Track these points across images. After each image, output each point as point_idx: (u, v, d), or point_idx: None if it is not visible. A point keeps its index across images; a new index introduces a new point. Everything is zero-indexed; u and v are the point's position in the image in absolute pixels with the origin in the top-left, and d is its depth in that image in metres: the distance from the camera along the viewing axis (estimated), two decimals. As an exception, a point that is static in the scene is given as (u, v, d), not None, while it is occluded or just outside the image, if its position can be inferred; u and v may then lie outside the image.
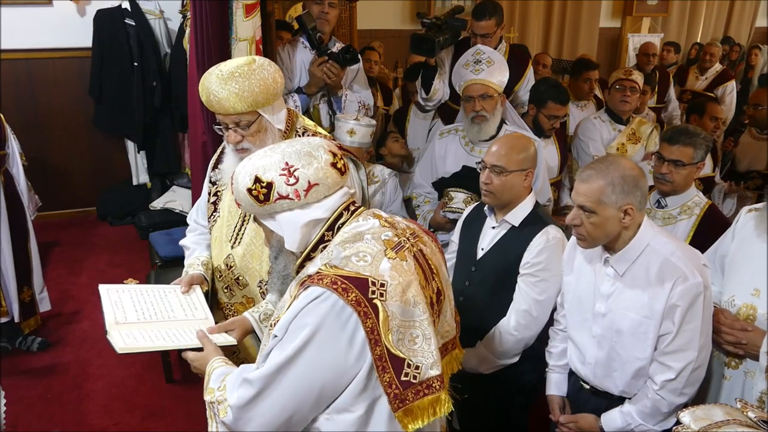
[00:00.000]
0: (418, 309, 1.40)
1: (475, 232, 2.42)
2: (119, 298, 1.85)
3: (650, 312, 1.86)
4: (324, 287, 1.33)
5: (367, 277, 1.35)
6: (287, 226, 1.46)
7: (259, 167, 1.44)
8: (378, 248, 1.41)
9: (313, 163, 1.44)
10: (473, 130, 2.99)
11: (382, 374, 1.35)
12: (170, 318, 1.84)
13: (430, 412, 1.39)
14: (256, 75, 1.88)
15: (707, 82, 6.59)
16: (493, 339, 2.30)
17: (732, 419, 1.10)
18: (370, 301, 1.33)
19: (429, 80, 3.53)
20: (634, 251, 1.88)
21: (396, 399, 1.36)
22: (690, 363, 1.84)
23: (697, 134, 2.50)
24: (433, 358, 1.39)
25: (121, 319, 1.76)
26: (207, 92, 1.90)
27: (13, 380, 3.43)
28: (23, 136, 4.39)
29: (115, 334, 1.68)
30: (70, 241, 5.36)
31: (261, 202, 1.44)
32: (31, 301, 3.70)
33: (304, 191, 1.43)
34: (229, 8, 2.78)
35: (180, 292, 1.97)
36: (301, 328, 1.34)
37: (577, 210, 1.88)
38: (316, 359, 1.34)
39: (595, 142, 3.71)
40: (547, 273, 2.23)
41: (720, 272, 2.12)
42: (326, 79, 3.12)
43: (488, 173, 2.28)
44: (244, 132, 1.93)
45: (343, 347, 1.34)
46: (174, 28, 5.67)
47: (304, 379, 1.35)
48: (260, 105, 1.91)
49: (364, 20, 5.17)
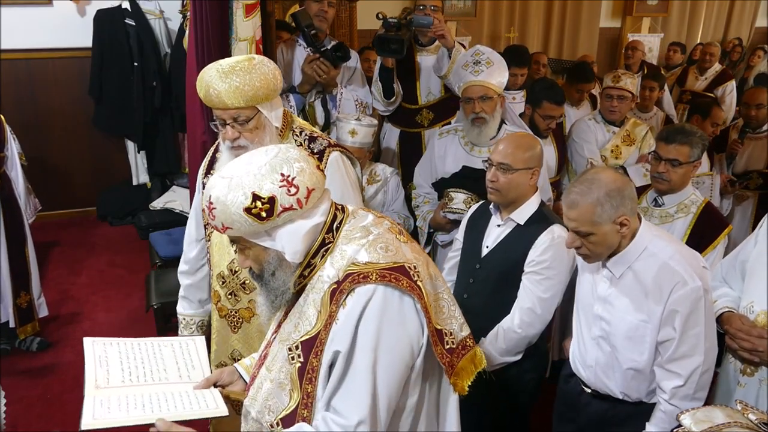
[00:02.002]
0: (439, 281, 1.51)
1: (479, 230, 2.42)
2: (105, 354, 1.64)
3: (648, 316, 1.85)
4: (374, 283, 1.36)
5: (403, 263, 1.40)
6: (289, 238, 1.40)
7: (251, 184, 1.35)
8: (391, 236, 1.46)
9: (305, 169, 1.39)
10: (473, 133, 2.98)
11: (435, 347, 1.45)
12: (161, 380, 1.62)
13: (471, 369, 1.54)
14: (257, 70, 1.85)
15: (707, 83, 6.58)
16: (496, 336, 2.30)
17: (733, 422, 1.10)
18: (416, 284, 1.40)
19: (389, 83, 3.51)
20: (632, 255, 1.88)
21: (449, 366, 1.49)
22: (698, 368, 1.82)
23: (694, 133, 2.51)
24: (459, 321, 1.53)
25: (103, 382, 1.55)
26: (206, 86, 1.85)
27: (13, 380, 3.42)
28: (23, 136, 4.40)
29: (89, 403, 1.46)
30: (70, 241, 5.36)
31: (263, 219, 1.35)
32: (29, 306, 3.68)
33: (305, 199, 1.38)
34: (229, 8, 2.77)
35: (176, 348, 1.75)
36: (370, 331, 1.35)
37: (573, 234, 1.87)
38: (394, 354, 1.38)
39: (589, 144, 3.69)
40: (552, 271, 2.23)
41: (740, 277, 2.09)
42: (316, 77, 3.11)
43: (495, 171, 2.28)
44: (242, 128, 1.89)
45: (412, 332, 1.41)
46: (174, 28, 5.67)
47: (393, 376, 1.38)
48: (260, 100, 1.88)
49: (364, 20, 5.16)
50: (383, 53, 3.36)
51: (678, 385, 1.83)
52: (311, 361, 1.40)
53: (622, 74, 3.73)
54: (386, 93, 3.56)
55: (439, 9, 3.51)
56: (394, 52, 3.28)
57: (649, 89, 4.62)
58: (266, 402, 1.49)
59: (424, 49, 3.63)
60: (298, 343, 1.42)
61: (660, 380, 1.88)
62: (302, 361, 1.41)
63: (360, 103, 3.44)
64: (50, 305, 3.93)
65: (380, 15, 3.32)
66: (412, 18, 3.36)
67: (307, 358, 1.40)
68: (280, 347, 1.50)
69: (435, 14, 3.42)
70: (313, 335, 1.40)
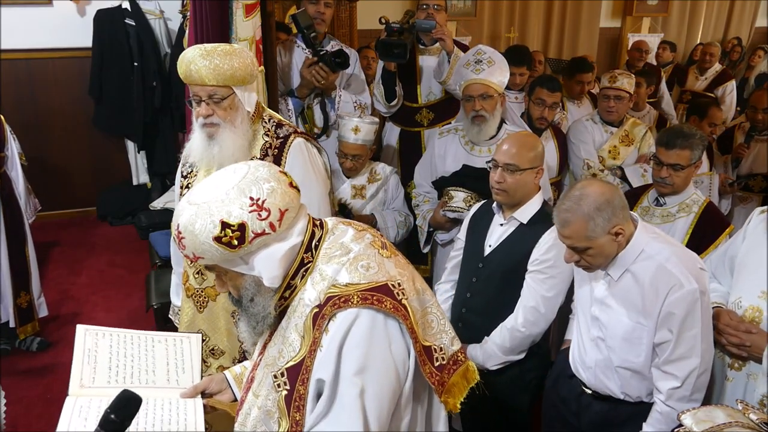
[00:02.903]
0: (426, 295, 1.44)
1: (482, 230, 2.43)
2: (96, 347, 1.60)
3: (644, 318, 1.85)
4: (356, 307, 1.29)
5: (385, 281, 1.34)
6: (265, 263, 1.33)
7: (220, 211, 1.27)
8: (372, 252, 1.39)
9: (276, 189, 1.31)
10: (473, 131, 2.99)
11: (424, 367, 1.39)
12: (147, 383, 1.56)
13: (463, 384, 1.47)
14: (237, 55, 1.98)
15: (707, 83, 6.58)
16: (500, 335, 2.31)
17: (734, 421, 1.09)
18: (401, 303, 1.33)
19: (391, 86, 3.52)
20: (629, 257, 1.88)
21: (438, 385, 1.42)
22: (694, 369, 1.83)
23: (693, 135, 2.52)
24: (449, 335, 1.46)
25: (88, 381, 1.51)
26: (187, 63, 1.96)
27: (13, 380, 3.42)
28: (23, 136, 4.40)
29: (68, 408, 1.44)
30: (70, 241, 5.36)
31: (235, 247, 1.28)
32: (29, 306, 3.68)
33: (278, 222, 1.31)
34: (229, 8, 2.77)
35: (170, 345, 1.72)
36: (354, 358, 1.29)
37: (570, 250, 1.88)
38: (381, 380, 1.31)
39: (586, 145, 3.68)
40: (556, 270, 2.24)
41: (729, 273, 2.11)
42: (315, 82, 3.11)
43: (501, 172, 2.28)
44: (216, 106, 2.00)
45: (397, 356, 1.34)
46: (174, 28, 5.66)
47: (381, 402, 1.31)
48: (236, 82, 1.99)
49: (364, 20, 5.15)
50: (386, 58, 3.36)
51: (674, 386, 1.84)
52: (298, 389, 1.34)
53: (618, 74, 3.73)
54: (388, 96, 3.57)
55: (442, 8, 3.50)
56: (398, 57, 3.28)
57: (636, 85, 4.62)
58: (255, 428, 1.44)
59: (426, 49, 3.63)
60: (284, 370, 1.36)
61: (657, 381, 1.89)
62: (288, 389, 1.35)
63: (359, 105, 3.44)
64: (50, 305, 3.93)
65: (383, 19, 3.32)
66: (414, 22, 3.36)
67: (294, 385, 1.34)
68: (266, 372, 1.44)
69: (438, 14, 3.42)
70: (298, 362, 1.34)
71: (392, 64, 3.44)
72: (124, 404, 1.33)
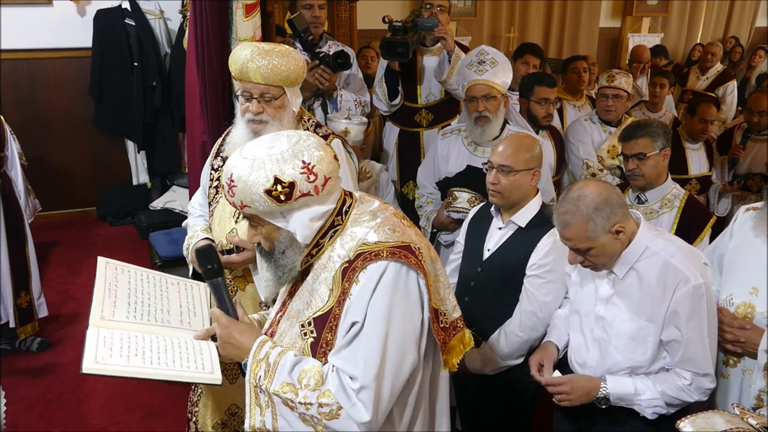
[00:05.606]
0: (438, 264, 1.60)
1: (481, 233, 2.42)
2: (116, 282, 1.70)
3: (652, 316, 1.86)
4: (386, 260, 1.43)
5: (409, 243, 1.49)
6: (302, 221, 1.48)
7: (274, 168, 1.42)
8: (396, 220, 1.55)
9: (324, 158, 1.47)
10: (476, 132, 2.98)
11: (434, 324, 1.55)
12: (162, 322, 1.63)
13: (460, 348, 1.64)
14: (291, 56, 2.05)
15: (708, 82, 6.58)
16: (498, 340, 2.30)
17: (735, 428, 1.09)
18: (420, 263, 1.48)
19: (394, 85, 3.54)
20: (633, 255, 1.88)
21: (442, 343, 1.59)
22: (706, 366, 1.86)
23: (649, 125, 2.60)
24: (452, 303, 1.63)
25: (108, 314, 1.58)
26: (243, 60, 2.00)
27: (13, 380, 3.42)
28: (23, 136, 4.40)
29: (92, 338, 1.47)
30: (70, 241, 5.36)
31: (282, 201, 1.43)
32: (29, 306, 3.67)
33: (322, 186, 1.46)
34: (229, 8, 2.77)
35: (182, 289, 1.83)
36: (383, 304, 1.42)
37: (573, 252, 1.89)
38: (405, 324, 1.45)
39: (584, 145, 3.69)
40: (554, 275, 2.23)
41: (718, 271, 2.13)
42: (319, 85, 3.13)
43: (496, 173, 2.27)
44: (267, 105, 2.05)
45: (418, 306, 1.49)
46: (174, 28, 5.66)
47: (403, 346, 1.45)
48: (289, 83, 2.07)
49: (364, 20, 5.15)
50: (389, 57, 3.39)
51: (686, 384, 1.88)
52: (325, 335, 1.47)
53: (616, 73, 3.73)
54: (391, 95, 3.58)
55: (446, 10, 3.51)
56: (400, 56, 3.32)
57: (659, 86, 4.61)
58: None
59: (427, 49, 3.63)
60: (311, 319, 1.49)
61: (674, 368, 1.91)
62: (315, 336, 1.48)
63: (359, 102, 3.45)
64: (50, 305, 3.93)
65: (386, 19, 3.37)
66: (417, 21, 3.38)
67: (321, 333, 1.47)
68: (289, 324, 1.57)
69: (441, 14, 3.43)
70: (326, 311, 1.47)
71: (396, 63, 3.45)
72: (207, 256, 1.61)
